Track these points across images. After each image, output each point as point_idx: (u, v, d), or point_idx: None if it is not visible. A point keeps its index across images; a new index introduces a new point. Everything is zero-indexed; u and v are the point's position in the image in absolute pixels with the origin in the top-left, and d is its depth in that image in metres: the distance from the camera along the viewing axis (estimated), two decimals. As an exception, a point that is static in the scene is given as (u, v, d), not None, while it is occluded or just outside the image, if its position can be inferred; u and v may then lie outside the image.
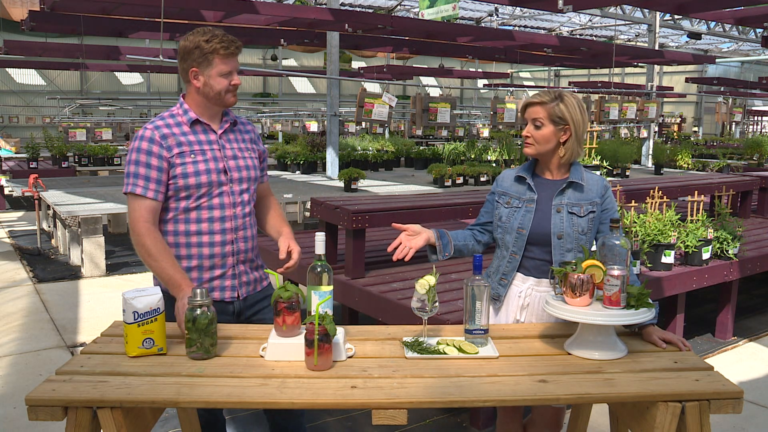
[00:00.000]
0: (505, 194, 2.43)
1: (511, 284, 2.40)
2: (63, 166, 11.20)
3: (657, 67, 15.83)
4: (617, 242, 2.08)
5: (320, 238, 2.15)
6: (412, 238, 2.32)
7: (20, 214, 10.47)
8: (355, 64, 20.27)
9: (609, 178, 8.26)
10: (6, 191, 9.52)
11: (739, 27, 16.79)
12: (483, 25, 19.60)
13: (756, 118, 25.90)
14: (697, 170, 12.20)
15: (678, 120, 24.08)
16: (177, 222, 2.33)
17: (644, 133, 13.05)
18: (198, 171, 2.30)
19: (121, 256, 7.39)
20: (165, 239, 2.33)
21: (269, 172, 2.72)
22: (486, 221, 2.50)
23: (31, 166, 10.82)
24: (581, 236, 2.31)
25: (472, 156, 11.39)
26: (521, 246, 2.35)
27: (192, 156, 2.31)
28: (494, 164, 10.80)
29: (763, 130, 26.29)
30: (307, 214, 9.63)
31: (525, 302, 2.38)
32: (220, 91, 2.31)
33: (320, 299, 2.03)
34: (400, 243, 2.30)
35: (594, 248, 2.32)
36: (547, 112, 2.29)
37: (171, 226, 2.34)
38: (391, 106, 8.40)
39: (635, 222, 4.39)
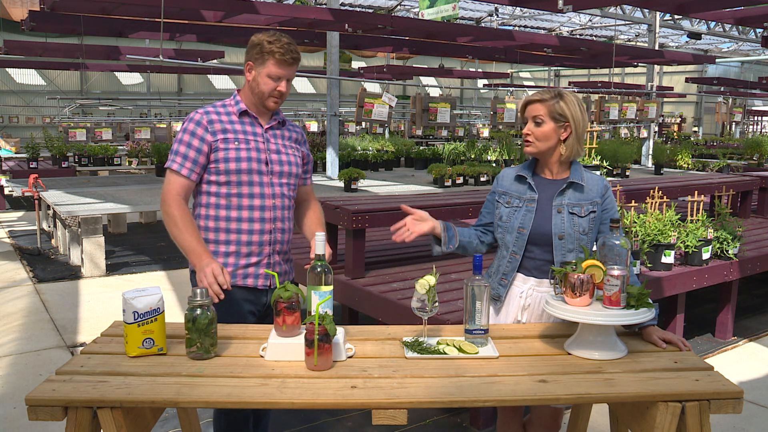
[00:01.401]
0: (505, 194, 2.42)
1: (511, 284, 2.40)
2: (63, 166, 11.20)
3: (657, 67, 15.83)
4: (617, 242, 2.08)
5: (320, 238, 2.15)
6: (417, 223, 2.32)
7: (20, 214, 10.47)
8: (355, 64, 20.26)
9: (609, 178, 8.26)
10: (6, 191, 9.52)
11: (739, 27, 16.79)
12: (483, 25, 19.60)
13: (756, 118, 25.90)
14: (697, 170, 12.20)
15: (678, 120, 24.09)
16: (219, 208, 2.42)
17: (644, 133, 13.06)
18: (240, 157, 2.39)
19: (121, 256, 7.39)
20: (206, 224, 2.44)
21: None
22: (488, 222, 2.50)
23: (31, 166, 10.82)
24: (582, 236, 2.31)
25: (472, 156, 11.39)
26: (522, 246, 2.35)
27: (236, 143, 2.41)
28: (494, 164, 10.80)
29: (763, 130, 26.30)
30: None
31: (526, 303, 2.38)
32: (264, 92, 2.41)
33: (320, 299, 2.03)
34: (404, 225, 2.30)
35: (594, 248, 2.32)
36: (547, 109, 2.29)
37: (213, 211, 2.43)
38: (391, 106, 8.40)
39: (635, 222, 4.39)
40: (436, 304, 2.14)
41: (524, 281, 2.38)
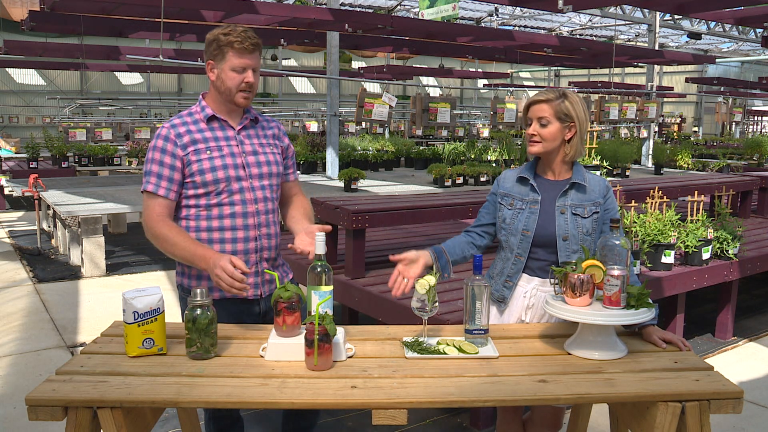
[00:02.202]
0: (507, 195, 2.40)
1: (516, 286, 2.40)
2: (63, 166, 11.20)
3: (657, 67, 15.83)
4: (617, 242, 2.07)
5: (320, 238, 2.15)
6: (409, 268, 2.27)
7: (20, 214, 10.47)
8: (355, 64, 20.28)
9: (609, 178, 8.26)
10: (6, 191, 9.52)
11: (739, 27, 16.79)
12: (483, 25, 19.60)
13: (756, 118, 25.90)
14: (697, 170, 12.20)
15: (678, 120, 24.10)
16: (199, 219, 2.32)
17: (644, 133, 13.06)
18: (214, 167, 2.28)
19: (121, 256, 7.39)
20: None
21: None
22: (486, 222, 2.47)
23: (31, 166, 10.82)
24: (586, 237, 2.31)
25: (472, 156, 11.40)
26: (526, 248, 2.34)
27: (208, 152, 2.29)
28: (494, 164, 10.81)
29: (763, 130, 26.30)
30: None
31: (530, 302, 2.37)
32: (231, 88, 2.27)
33: (320, 299, 2.03)
34: (399, 275, 2.25)
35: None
36: (553, 110, 2.28)
37: (193, 223, 2.33)
38: (391, 106, 8.40)
39: (635, 222, 4.39)
40: (436, 304, 2.15)
41: (528, 281, 2.38)
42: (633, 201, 4.55)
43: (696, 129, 25.62)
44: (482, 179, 9.68)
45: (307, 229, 2.33)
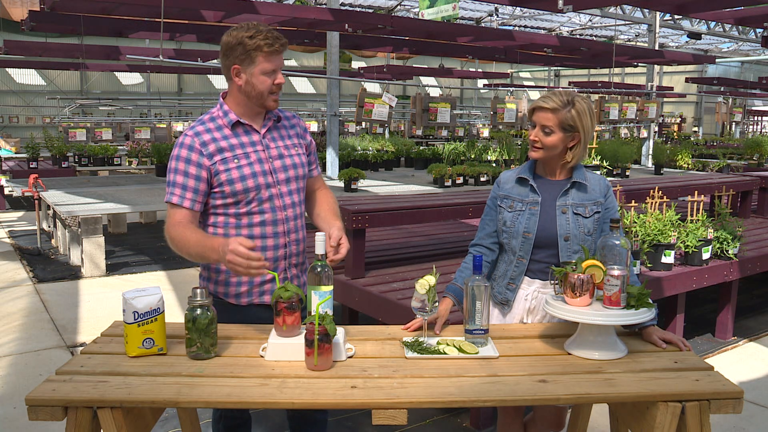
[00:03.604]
0: (507, 197, 2.38)
1: (518, 288, 2.39)
2: (63, 166, 11.21)
3: (657, 67, 15.82)
4: (617, 242, 2.07)
5: (320, 238, 2.15)
6: (439, 322, 2.28)
7: (20, 214, 10.47)
8: (355, 64, 20.25)
9: (609, 178, 8.25)
10: (6, 191, 9.53)
11: (739, 27, 16.79)
12: (483, 25, 19.59)
13: (756, 118, 25.90)
14: (697, 170, 12.20)
15: (678, 120, 24.10)
16: (228, 227, 2.28)
17: (644, 133, 13.06)
18: (243, 176, 2.23)
19: (121, 256, 7.39)
20: None
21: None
22: (492, 230, 2.44)
23: (31, 166, 10.83)
24: (587, 237, 2.30)
25: (472, 156, 11.39)
26: (528, 250, 2.32)
27: (235, 161, 2.23)
28: (494, 164, 10.80)
29: (763, 130, 26.29)
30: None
31: (532, 305, 2.37)
32: (263, 92, 2.21)
33: (320, 299, 2.03)
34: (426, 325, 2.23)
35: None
36: (557, 120, 2.23)
37: (221, 230, 2.28)
38: (391, 106, 8.40)
39: (635, 222, 4.39)
40: (436, 304, 2.15)
41: (529, 284, 2.37)
42: (633, 201, 4.55)
43: (696, 129, 25.63)
44: (482, 179, 9.68)
45: (330, 233, 2.25)
